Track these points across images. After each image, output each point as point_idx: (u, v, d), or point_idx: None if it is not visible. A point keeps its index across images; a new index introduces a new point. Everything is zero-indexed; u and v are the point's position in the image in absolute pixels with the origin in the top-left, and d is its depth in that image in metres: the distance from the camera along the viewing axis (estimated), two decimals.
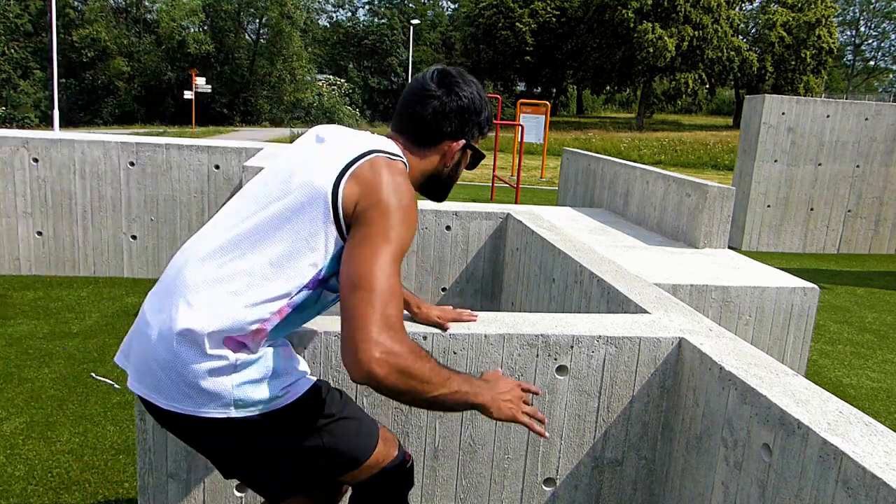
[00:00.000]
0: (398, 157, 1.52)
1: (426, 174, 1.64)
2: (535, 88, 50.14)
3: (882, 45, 61.26)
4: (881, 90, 63.79)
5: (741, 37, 45.14)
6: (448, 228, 4.03)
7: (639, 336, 1.93)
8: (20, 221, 5.22)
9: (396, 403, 1.88)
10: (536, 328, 1.93)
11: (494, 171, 12.31)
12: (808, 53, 40.76)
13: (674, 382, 1.95)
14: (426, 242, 4.03)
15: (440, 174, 1.66)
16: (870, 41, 61.25)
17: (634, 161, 16.20)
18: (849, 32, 60.54)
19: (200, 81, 34.44)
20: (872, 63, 62.01)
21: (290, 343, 1.62)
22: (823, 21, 40.37)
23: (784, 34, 40.75)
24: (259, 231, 1.43)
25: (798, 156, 8.46)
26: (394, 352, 1.28)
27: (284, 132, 30.03)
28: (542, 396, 1.93)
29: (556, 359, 1.91)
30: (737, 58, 40.83)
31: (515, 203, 10.70)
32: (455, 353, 1.87)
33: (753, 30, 47.85)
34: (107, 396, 3.35)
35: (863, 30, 60.63)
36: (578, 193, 7.02)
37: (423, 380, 1.33)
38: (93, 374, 3.58)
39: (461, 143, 1.62)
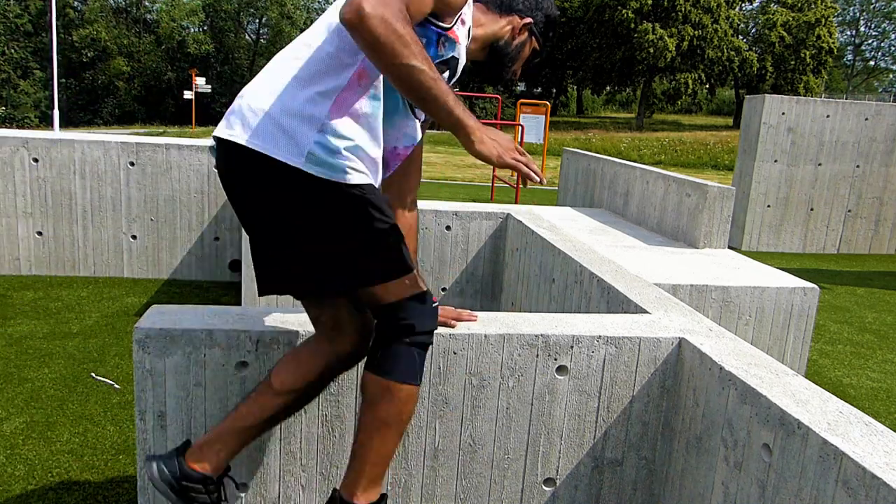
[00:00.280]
0: None
1: (491, 38, 1.80)
2: (536, 88, 50.14)
3: (882, 45, 61.27)
4: (881, 90, 63.78)
5: (741, 37, 45.15)
6: (448, 228, 4.03)
7: (639, 336, 1.94)
8: (20, 221, 5.22)
9: None
10: (536, 328, 1.93)
11: (494, 171, 12.31)
12: (808, 53, 40.77)
13: (674, 382, 1.95)
14: (426, 242, 4.03)
15: (503, 46, 1.81)
16: (870, 41, 61.29)
17: (634, 161, 16.21)
18: (849, 32, 60.57)
19: (200, 81, 34.41)
20: (872, 63, 62.04)
21: (375, 171, 1.62)
22: (823, 21, 40.39)
23: (784, 34, 40.77)
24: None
25: (798, 156, 8.46)
26: (386, 1, 1.34)
27: None
28: (543, 396, 1.94)
29: (556, 359, 1.91)
30: (737, 58, 40.84)
31: (515, 203, 10.70)
32: (455, 354, 1.87)
33: (753, 30, 47.86)
34: (107, 396, 3.35)
35: (863, 30, 60.66)
36: (578, 193, 7.03)
37: (405, 42, 1.35)
38: (93, 374, 3.58)
39: (528, 21, 1.81)
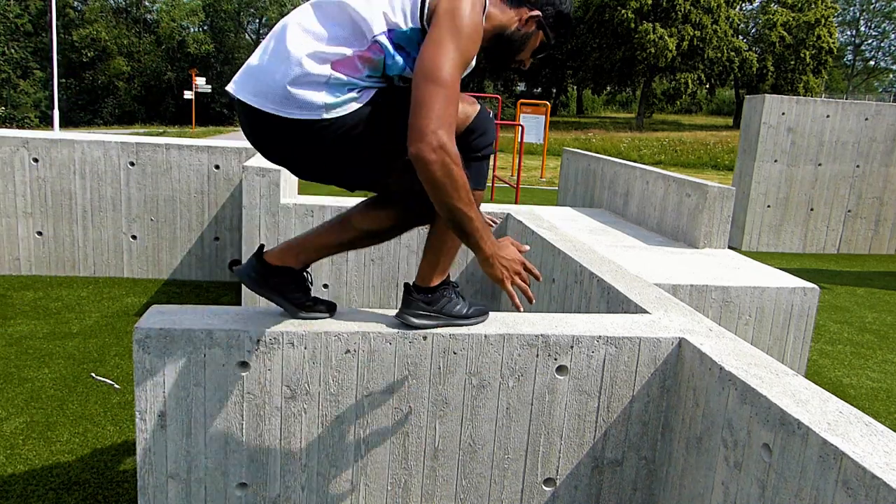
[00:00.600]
0: None
1: (499, 29, 1.82)
2: (536, 88, 50.14)
3: (882, 45, 61.24)
4: (881, 90, 63.78)
5: (741, 37, 45.14)
6: None
7: (639, 336, 1.94)
8: (20, 221, 5.22)
9: (396, 403, 1.88)
10: (536, 328, 1.93)
11: (494, 171, 12.31)
12: (808, 53, 40.76)
13: (674, 382, 1.95)
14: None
15: (510, 37, 1.84)
16: (870, 41, 61.28)
17: (634, 161, 16.21)
18: (849, 32, 60.56)
19: (200, 81, 34.41)
20: (872, 63, 62.03)
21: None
22: (823, 21, 40.37)
23: (784, 34, 40.76)
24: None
25: (798, 156, 8.46)
26: (447, 148, 1.50)
27: None
28: (543, 396, 1.94)
29: (556, 359, 1.91)
30: (737, 58, 40.84)
31: (515, 203, 10.70)
32: (455, 354, 1.87)
33: (753, 30, 47.85)
34: (107, 396, 3.35)
35: (863, 30, 60.65)
36: (578, 193, 7.02)
37: (458, 186, 1.53)
38: (93, 375, 3.58)
39: (537, 13, 1.82)
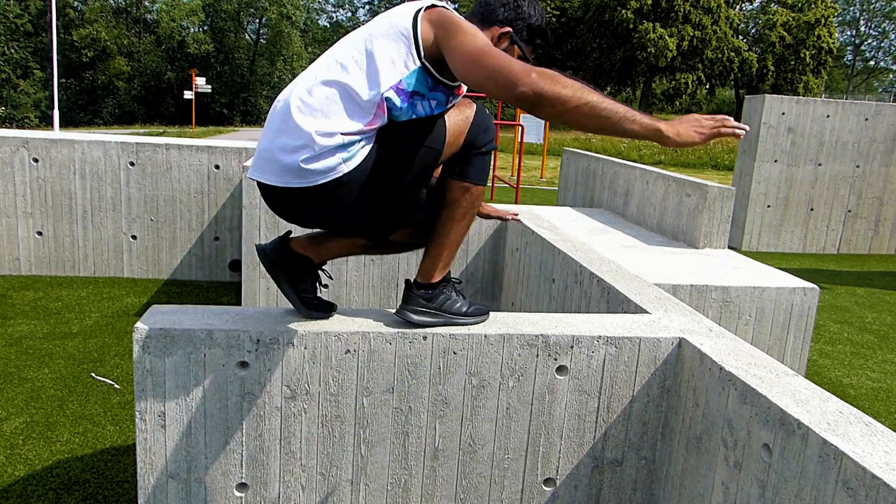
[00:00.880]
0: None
1: None
2: None
3: (882, 45, 61.24)
4: (881, 90, 63.74)
5: (741, 37, 45.13)
6: None
7: (639, 336, 1.93)
8: (20, 221, 5.22)
9: (396, 402, 1.88)
10: (536, 328, 1.93)
11: (494, 171, 12.31)
12: (808, 53, 40.76)
13: (674, 382, 1.95)
14: None
15: None
16: (870, 41, 61.27)
17: (634, 161, 16.20)
18: (849, 32, 60.55)
19: (200, 81, 34.41)
20: (872, 63, 62.02)
21: None
22: (823, 21, 40.38)
23: (784, 34, 40.76)
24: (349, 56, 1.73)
25: (798, 156, 8.46)
26: (546, 75, 1.53)
27: None
28: (543, 396, 1.94)
29: (556, 359, 1.91)
30: (737, 58, 40.84)
31: (515, 203, 10.69)
32: (455, 354, 1.87)
33: (753, 30, 47.83)
34: (107, 396, 3.35)
35: (863, 30, 60.64)
36: (578, 193, 7.02)
37: (578, 86, 1.55)
38: (93, 375, 3.58)
39: (507, 30, 1.88)
